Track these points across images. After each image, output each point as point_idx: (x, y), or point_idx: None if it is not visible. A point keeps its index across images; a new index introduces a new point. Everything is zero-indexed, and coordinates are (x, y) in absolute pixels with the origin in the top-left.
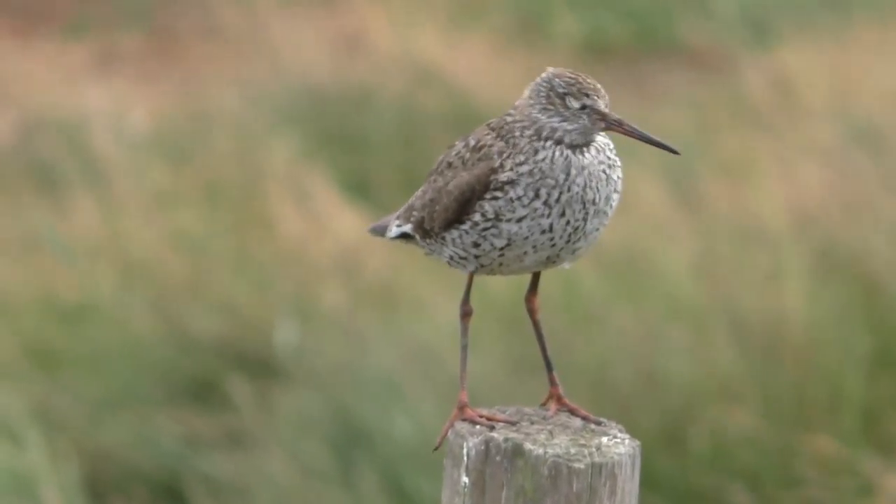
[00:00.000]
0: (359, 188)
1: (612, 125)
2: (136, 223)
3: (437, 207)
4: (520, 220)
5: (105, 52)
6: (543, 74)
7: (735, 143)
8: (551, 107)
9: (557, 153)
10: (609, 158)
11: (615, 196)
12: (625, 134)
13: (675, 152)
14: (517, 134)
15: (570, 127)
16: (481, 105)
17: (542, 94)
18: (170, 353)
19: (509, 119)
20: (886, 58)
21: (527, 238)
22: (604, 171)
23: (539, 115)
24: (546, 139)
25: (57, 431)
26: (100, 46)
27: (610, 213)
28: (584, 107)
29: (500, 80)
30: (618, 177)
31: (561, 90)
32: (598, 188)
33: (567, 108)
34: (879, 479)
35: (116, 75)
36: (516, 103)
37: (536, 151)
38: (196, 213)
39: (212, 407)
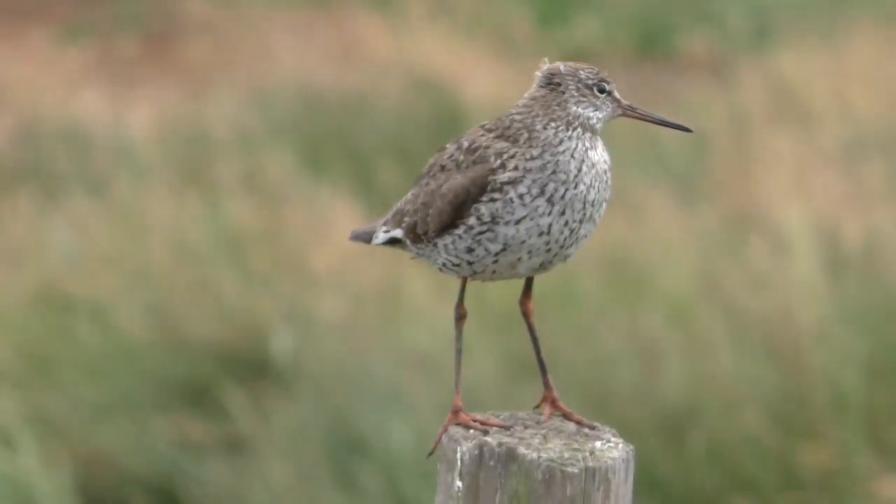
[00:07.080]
0: (357, 192)
1: (626, 111)
2: (134, 227)
3: (430, 211)
4: (518, 221)
5: (102, 55)
6: (562, 67)
7: (735, 146)
8: (584, 98)
9: (580, 145)
10: (608, 160)
11: (604, 206)
12: (639, 118)
13: (688, 130)
14: (539, 128)
15: (601, 115)
16: (476, 110)
17: (572, 86)
18: (166, 359)
19: (518, 117)
20: (886, 61)
21: (524, 242)
22: (605, 172)
23: (574, 108)
24: (575, 129)
25: (52, 436)
26: (97, 50)
27: (598, 221)
28: (609, 94)
29: (495, 85)
30: (610, 183)
31: (590, 81)
32: (598, 189)
33: (596, 97)
34: (879, 483)
35: (113, 79)
36: (521, 102)
37: (561, 142)
38: (195, 217)
39: (208, 412)
